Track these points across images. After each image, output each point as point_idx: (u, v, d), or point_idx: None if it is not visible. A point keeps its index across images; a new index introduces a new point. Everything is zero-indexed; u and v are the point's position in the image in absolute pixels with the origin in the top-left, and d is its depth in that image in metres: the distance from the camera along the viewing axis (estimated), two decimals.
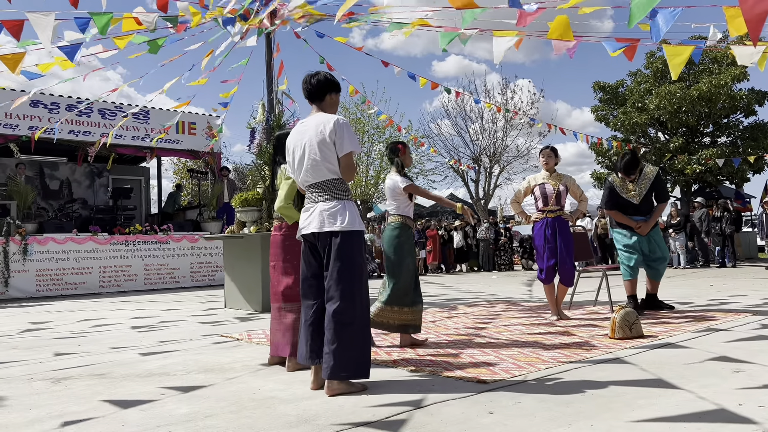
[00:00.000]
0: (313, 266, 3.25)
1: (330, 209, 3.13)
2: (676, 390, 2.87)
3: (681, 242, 14.51)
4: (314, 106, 3.33)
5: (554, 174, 5.73)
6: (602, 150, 21.23)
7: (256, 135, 7.58)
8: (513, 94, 25.74)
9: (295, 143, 3.29)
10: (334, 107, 3.36)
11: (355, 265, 3.10)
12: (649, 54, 21.09)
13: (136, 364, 4.00)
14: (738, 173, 19.75)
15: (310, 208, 3.22)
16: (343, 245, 3.08)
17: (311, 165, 3.18)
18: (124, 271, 11.30)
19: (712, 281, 9.73)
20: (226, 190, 13.19)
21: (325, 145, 3.14)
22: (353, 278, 3.08)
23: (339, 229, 3.09)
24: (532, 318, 5.72)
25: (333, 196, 3.16)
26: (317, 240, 3.17)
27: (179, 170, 27.84)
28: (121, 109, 12.63)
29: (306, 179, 3.24)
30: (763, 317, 5.23)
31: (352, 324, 3.03)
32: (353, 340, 3.02)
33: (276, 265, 3.92)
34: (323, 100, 3.31)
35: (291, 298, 3.83)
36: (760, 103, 20.40)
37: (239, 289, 7.45)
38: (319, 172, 3.18)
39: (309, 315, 3.21)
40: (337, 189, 3.17)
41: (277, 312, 3.86)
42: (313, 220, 3.17)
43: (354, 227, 3.12)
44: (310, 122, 3.26)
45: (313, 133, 3.18)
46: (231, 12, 6.79)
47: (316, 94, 3.30)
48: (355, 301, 3.06)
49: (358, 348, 3.03)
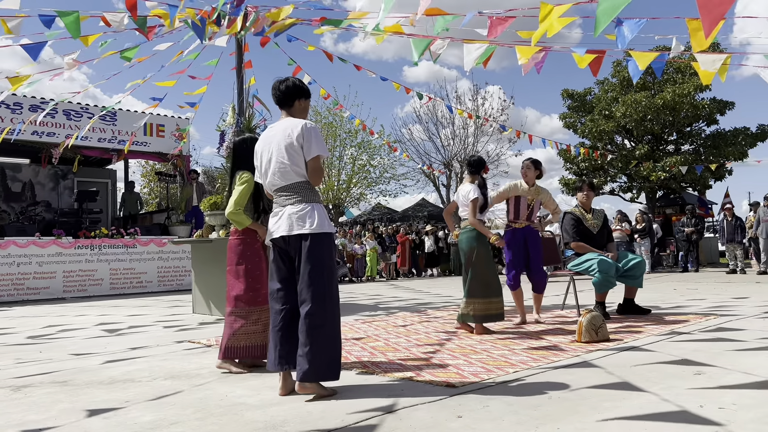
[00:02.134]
0: (283, 271, 3.23)
1: (299, 212, 3.13)
2: (640, 392, 2.92)
3: (646, 247, 14.82)
4: (283, 111, 3.33)
5: (533, 188, 5.82)
6: (570, 157, 21.58)
7: (225, 138, 7.49)
8: (484, 101, 26.03)
9: (263, 148, 3.29)
10: (304, 113, 3.36)
11: (325, 267, 3.10)
12: (615, 63, 21.54)
13: (100, 371, 3.92)
14: (700, 180, 20.28)
15: (279, 212, 3.21)
16: (313, 248, 3.08)
17: (279, 168, 3.18)
18: (89, 275, 11.05)
19: (675, 285, 9.96)
20: (195, 193, 13.01)
21: (293, 148, 3.14)
22: (324, 280, 3.08)
23: (308, 231, 3.09)
24: (501, 322, 5.76)
25: (301, 198, 3.16)
26: (287, 244, 3.16)
27: (147, 173, 27.39)
28: (87, 110, 12.37)
29: (274, 182, 3.23)
30: (722, 321, 5.37)
31: (324, 326, 3.03)
32: (325, 342, 3.02)
33: (230, 270, 3.89)
34: (292, 106, 3.30)
35: (242, 303, 3.81)
36: (721, 113, 21.01)
37: (207, 294, 7.35)
38: (287, 176, 3.17)
39: (278, 320, 3.19)
40: (305, 192, 3.17)
41: (227, 316, 3.84)
42: (281, 223, 3.16)
43: (323, 229, 3.12)
44: (278, 127, 3.26)
45: (281, 137, 3.18)
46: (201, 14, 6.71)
47: (285, 100, 3.30)
48: (326, 303, 3.06)
49: (330, 350, 3.04)
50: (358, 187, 27.28)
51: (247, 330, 3.79)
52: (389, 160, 26.81)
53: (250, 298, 3.83)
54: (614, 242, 6.33)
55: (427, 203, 28.86)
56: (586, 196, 6.22)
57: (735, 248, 13.43)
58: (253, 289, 3.84)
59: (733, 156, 19.76)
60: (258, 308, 3.84)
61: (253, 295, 3.84)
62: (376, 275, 16.24)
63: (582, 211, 6.19)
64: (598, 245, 6.03)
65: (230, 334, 3.79)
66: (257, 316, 3.84)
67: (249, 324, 3.80)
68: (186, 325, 6.28)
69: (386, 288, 12.29)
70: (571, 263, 6.03)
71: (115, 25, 5.84)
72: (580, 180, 6.55)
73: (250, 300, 3.83)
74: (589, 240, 6.04)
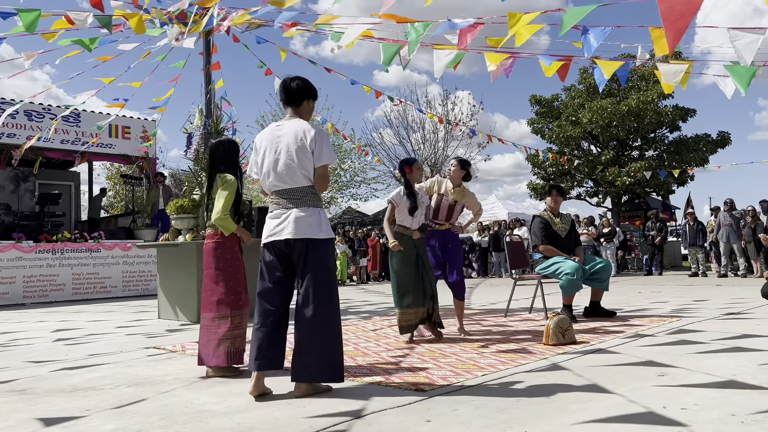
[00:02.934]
0: (278, 273, 3.21)
1: (307, 217, 3.14)
2: (607, 394, 2.96)
3: (611, 251, 15.10)
4: (290, 109, 3.32)
5: (458, 189, 5.33)
6: (538, 162, 21.89)
7: (193, 140, 7.39)
8: (453, 106, 26.21)
9: (267, 145, 3.25)
10: (310, 114, 3.38)
11: (331, 271, 3.18)
12: (582, 70, 21.93)
13: (61, 379, 3.80)
14: (664, 185, 20.77)
15: (282, 215, 3.18)
16: (321, 252, 3.14)
17: (287, 170, 3.16)
18: (50, 280, 10.75)
19: (640, 288, 10.16)
20: (162, 196, 12.80)
21: (304, 152, 3.14)
22: (331, 284, 3.16)
23: (317, 237, 3.13)
24: (469, 325, 5.80)
25: (308, 203, 3.17)
26: (290, 248, 3.15)
27: (112, 175, 26.83)
28: (50, 111, 12.06)
29: (276, 184, 3.21)
30: (685, 323, 5.49)
31: (329, 329, 3.09)
32: (330, 345, 3.08)
33: (208, 274, 3.83)
34: (300, 105, 3.31)
35: (224, 307, 3.76)
36: (683, 119, 21.57)
37: (174, 299, 7.22)
38: (295, 179, 3.17)
39: (266, 322, 3.17)
40: (311, 197, 3.19)
41: (210, 321, 3.77)
42: (287, 226, 3.14)
43: (330, 235, 3.20)
44: (287, 127, 3.24)
45: (292, 138, 3.17)
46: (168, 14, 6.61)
47: (294, 98, 3.30)
48: (333, 307, 3.13)
49: (335, 353, 3.09)
50: (329, 191, 27.20)
51: (231, 334, 3.74)
52: (360, 164, 26.81)
53: (232, 301, 3.78)
54: (581, 246, 6.43)
55: None
56: (554, 200, 6.32)
57: (697, 252, 13.77)
58: (234, 293, 3.79)
59: (694, 162, 20.29)
60: (239, 312, 3.80)
61: (235, 299, 3.79)
62: (346, 279, 16.19)
63: (550, 215, 6.27)
64: (566, 249, 6.11)
65: (216, 339, 3.71)
66: (239, 320, 3.79)
67: (233, 328, 3.75)
68: (152, 332, 6.15)
69: (356, 292, 12.25)
70: (539, 266, 6.09)
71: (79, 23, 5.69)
72: (548, 185, 6.66)
73: (232, 303, 3.78)
74: (556, 243, 6.12)
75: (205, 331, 3.77)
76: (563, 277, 5.75)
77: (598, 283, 5.99)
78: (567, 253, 6.06)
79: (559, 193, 6.39)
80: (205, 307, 3.82)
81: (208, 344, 3.73)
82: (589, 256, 6.19)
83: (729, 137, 21.62)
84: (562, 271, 5.77)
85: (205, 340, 3.76)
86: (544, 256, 6.11)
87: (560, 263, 5.85)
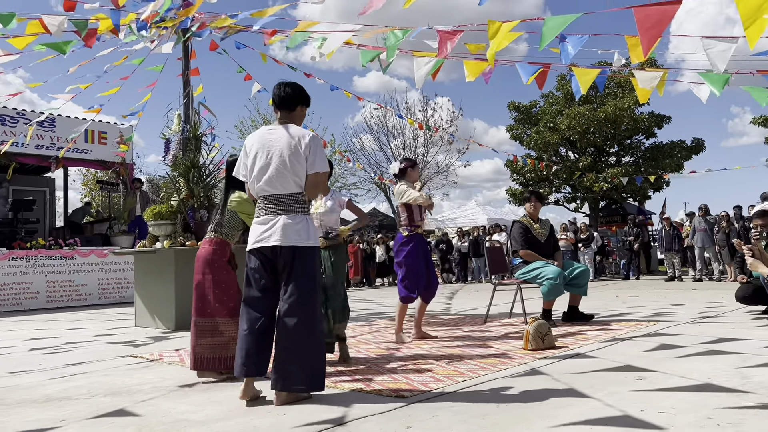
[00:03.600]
0: (265, 279, 3.18)
1: (296, 224, 3.12)
2: (586, 398, 2.98)
3: (589, 256, 15.27)
4: (281, 113, 3.29)
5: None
6: (517, 167, 22.07)
7: (171, 146, 7.31)
8: (433, 112, 26.33)
9: (258, 148, 3.20)
10: (302, 120, 3.38)
11: (315, 280, 3.18)
12: (560, 77, 22.21)
13: (35, 389, 3.72)
14: (640, 191, 21.09)
15: (270, 221, 3.14)
16: (306, 260, 3.13)
17: (278, 176, 3.13)
18: (24, 288, 10.53)
19: (617, 293, 10.28)
20: (139, 202, 12.63)
21: (297, 158, 3.12)
22: (315, 293, 3.15)
23: (304, 244, 3.12)
24: (450, 331, 5.81)
25: (297, 210, 3.15)
26: (276, 254, 3.12)
27: (88, 181, 26.44)
28: (24, 116, 11.86)
29: (266, 189, 3.17)
30: (662, 327, 5.57)
31: (312, 338, 3.07)
32: (311, 354, 3.07)
33: (198, 280, 3.83)
34: (293, 110, 3.30)
35: (209, 314, 3.76)
36: (659, 126, 21.95)
37: (151, 307, 7.12)
38: (286, 185, 3.14)
39: (253, 327, 3.13)
40: (300, 204, 3.18)
41: (195, 327, 3.76)
42: (274, 233, 3.10)
43: (317, 243, 3.21)
44: (280, 131, 3.21)
45: (285, 143, 3.14)
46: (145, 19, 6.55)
47: (288, 103, 3.28)
48: (316, 316, 3.12)
49: (315, 361, 3.08)
50: None
51: (214, 342, 3.70)
52: (340, 170, 26.78)
53: (216, 309, 3.75)
54: (560, 251, 6.49)
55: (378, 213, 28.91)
56: (533, 206, 6.38)
57: (673, 256, 13.98)
58: (220, 301, 3.77)
59: (670, 168, 20.65)
60: (225, 320, 3.77)
61: (220, 307, 3.76)
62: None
63: (530, 220, 6.32)
64: (545, 254, 6.16)
65: (201, 344, 3.71)
66: (224, 327, 3.76)
67: (216, 335, 3.72)
68: (129, 340, 6.06)
69: None
70: (520, 271, 6.13)
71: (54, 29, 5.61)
72: (527, 191, 6.73)
73: (215, 311, 3.76)
74: (536, 249, 6.16)
75: (195, 336, 3.75)
76: (545, 281, 5.78)
77: (576, 288, 6.04)
78: (547, 258, 6.11)
79: (538, 199, 6.46)
80: (194, 312, 3.80)
81: (196, 349, 3.71)
82: (567, 261, 6.25)
83: (703, 144, 22.05)
84: (545, 275, 5.81)
85: (195, 344, 3.73)
86: (524, 261, 6.15)
87: (542, 268, 5.90)
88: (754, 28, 2.93)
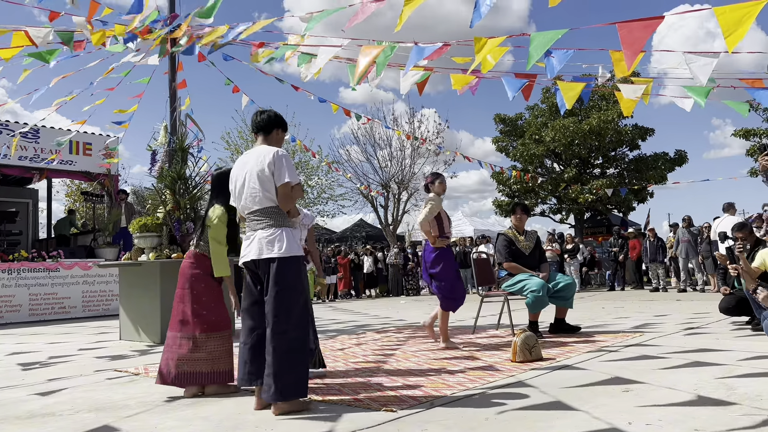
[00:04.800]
0: (255, 293, 3.35)
1: (268, 236, 3.26)
2: (573, 411, 2.99)
3: (575, 267, 15.36)
4: (260, 137, 3.49)
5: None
6: (503, 179, 22.22)
7: (157, 157, 7.28)
8: (420, 124, 26.44)
9: (237, 173, 3.44)
10: (280, 143, 3.55)
11: (292, 289, 3.22)
12: (545, 89, 22.45)
13: (17, 405, 3.66)
14: (625, 202, 21.30)
15: (251, 236, 3.34)
16: (280, 271, 3.21)
17: (251, 194, 3.32)
18: (5, 301, 10.36)
19: (603, 304, 10.35)
20: (124, 214, 12.52)
21: (264, 175, 3.28)
22: (291, 303, 3.19)
23: (277, 255, 3.21)
24: (438, 342, 5.80)
25: (272, 223, 3.29)
26: (257, 267, 3.29)
27: (72, 193, 26.17)
28: (8, 127, 11.74)
29: (246, 206, 3.37)
30: (647, 338, 5.61)
31: (290, 348, 3.13)
32: (291, 364, 3.12)
33: (179, 294, 3.80)
34: (269, 134, 3.50)
35: (189, 328, 3.72)
36: (642, 138, 22.23)
37: (136, 320, 7.04)
38: (258, 201, 3.31)
39: (250, 338, 3.29)
40: (275, 216, 3.30)
41: (174, 341, 3.73)
42: (252, 247, 3.29)
43: (291, 253, 3.25)
44: (252, 153, 3.42)
45: (254, 163, 3.33)
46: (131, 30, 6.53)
47: (265, 127, 3.50)
48: (289, 326, 3.16)
49: (296, 370, 3.13)
50: None
51: (192, 356, 3.67)
52: (327, 181, 26.77)
53: (195, 324, 3.72)
54: (547, 263, 6.52)
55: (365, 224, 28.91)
56: (519, 219, 6.41)
57: (657, 267, 14.11)
58: (198, 315, 3.74)
59: (653, 179, 20.89)
60: (206, 335, 3.73)
61: (199, 321, 3.73)
62: (313, 297, 16.06)
63: (515, 233, 6.36)
64: (530, 266, 6.19)
65: (177, 359, 3.67)
66: (204, 342, 3.72)
67: (195, 350, 3.68)
68: (113, 354, 5.99)
69: (324, 310, 12.17)
70: (505, 284, 6.15)
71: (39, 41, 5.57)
72: (513, 203, 6.77)
73: (196, 325, 3.72)
74: (520, 261, 6.19)
75: (167, 350, 3.71)
76: (529, 294, 5.80)
77: (562, 300, 6.07)
78: (532, 270, 6.14)
79: (524, 211, 6.50)
80: (171, 326, 3.76)
81: (167, 362, 3.67)
82: (553, 273, 6.28)
83: (686, 156, 22.35)
84: (528, 288, 5.83)
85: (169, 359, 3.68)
86: (509, 273, 6.18)
87: (526, 280, 5.92)
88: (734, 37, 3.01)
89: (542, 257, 6.44)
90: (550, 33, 3.44)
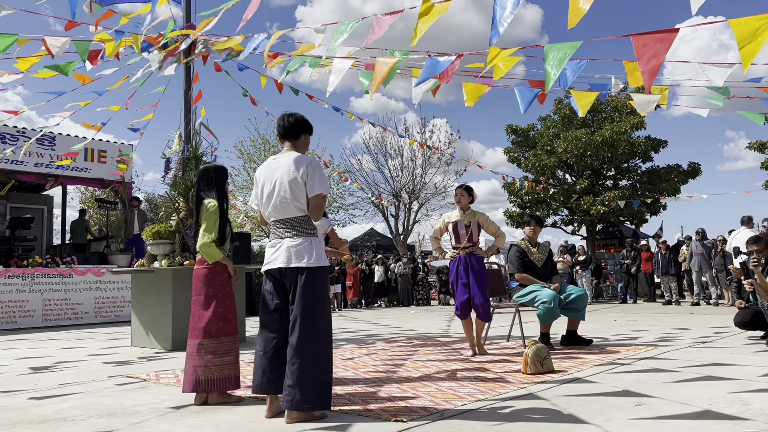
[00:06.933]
0: (277, 301, 3.36)
1: (297, 246, 3.28)
2: (584, 424, 2.97)
3: (587, 279, 15.25)
4: (287, 143, 3.50)
5: (468, 212, 5.86)
6: (515, 190, 22.16)
7: (171, 165, 7.35)
8: (431, 134, 26.49)
9: (265, 178, 3.42)
10: (306, 147, 3.57)
11: (319, 300, 3.25)
12: (557, 101, 22.41)
13: (30, 409, 3.69)
14: (637, 214, 21.15)
15: (277, 244, 3.35)
16: (309, 281, 3.24)
17: (280, 202, 3.33)
18: (19, 306, 10.47)
19: (615, 317, 10.26)
20: (137, 221, 12.62)
21: (296, 184, 3.29)
22: (317, 313, 3.22)
23: (306, 265, 3.24)
24: (448, 354, 5.79)
25: (300, 233, 3.31)
26: (283, 275, 3.30)
27: (86, 199, 26.43)
28: (24, 134, 11.90)
29: (272, 214, 3.38)
30: (660, 351, 5.55)
31: (314, 357, 3.14)
32: (315, 373, 3.12)
33: (196, 300, 3.79)
34: (297, 139, 3.50)
35: (212, 333, 3.70)
36: (655, 150, 22.10)
37: (148, 327, 7.09)
38: (288, 210, 3.32)
39: (269, 347, 3.30)
40: (304, 226, 3.33)
41: (197, 348, 3.70)
42: (279, 255, 3.30)
43: (320, 263, 3.28)
44: (282, 159, 3.40)
45: (285, 171, 3.33)
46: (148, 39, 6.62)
47: (292, 132, 3.49)
48: (317, 336, 3.18)
49: (320, 380, 3.13)
50: None
51: (218, 362, 3.67)
52: (338, 190, 26.84)
53: (221, 328, 3.73)
54: (559, 274, 6.49)
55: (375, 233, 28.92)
56: (532, 230, 6.39)
57: (669, 281, 13.97)
58: (223, 319, 3.75)
59: (666, 192, 20.75)
60: (229, 338, 3.75)
61: (224, 326, 3.74)
62: None
63: (528, 244, 6.34)
64: (542, 278, 6.16)
65: (203, 366, 3.65)
66: (228, 346, 3.74)
67: (220, 355, 3.69)
68: (125, 360, 6.02)
69: (334, 319, 12.14)
70: (517, 295, 6.13)
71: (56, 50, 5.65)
72: (527, 214, 6.75)
73: (220, 330, 3.72)
74: (532, 272, 6.17)
75: (190, 358, 3.70)
76: (540, 305, 5.78)
77: (574, 312, 6.03)
78: (543, 281, 6.11)
79: (538, 223, 6.48)
80: (192, 333, 3.75)
81: (191, 371, 3.66)
82: (564, 285, 6.25)
83: (699, 168, 22.18)
84: (539, 299, 5.81)
85: (193, 366, 3.68)
86: (521, 284, 6.15)
87: (537, 292, 5.89)
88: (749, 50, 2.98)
89: (554, 269, 6.42)
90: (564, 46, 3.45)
